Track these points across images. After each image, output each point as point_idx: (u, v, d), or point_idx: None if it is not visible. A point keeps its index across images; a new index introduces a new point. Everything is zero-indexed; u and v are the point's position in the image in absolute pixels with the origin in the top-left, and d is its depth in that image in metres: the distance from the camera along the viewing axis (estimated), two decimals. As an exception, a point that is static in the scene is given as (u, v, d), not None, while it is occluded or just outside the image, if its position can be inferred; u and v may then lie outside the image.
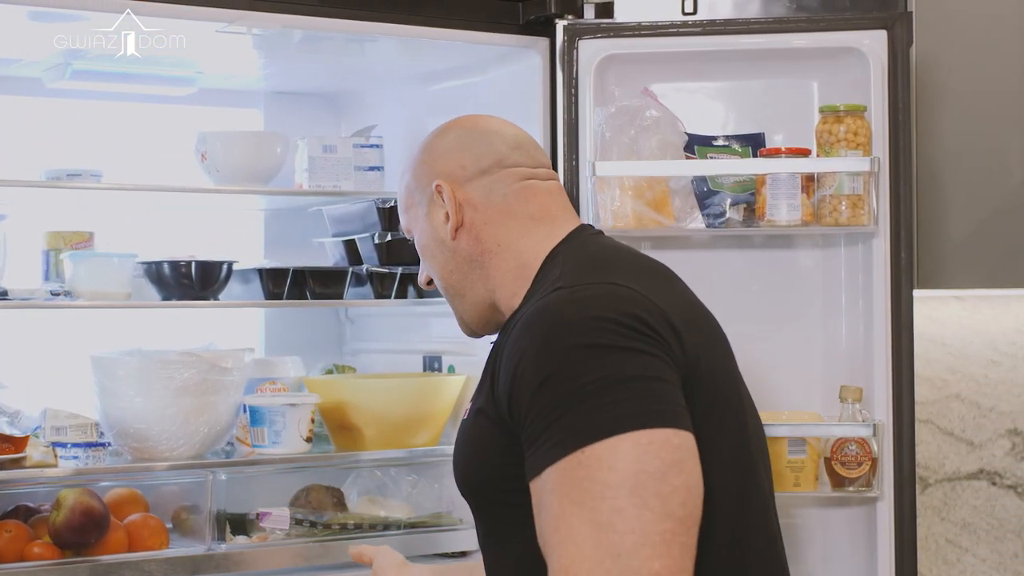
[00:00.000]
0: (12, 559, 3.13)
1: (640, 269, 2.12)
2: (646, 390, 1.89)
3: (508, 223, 2.19)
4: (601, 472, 1.84)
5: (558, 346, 1.92)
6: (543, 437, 1.90)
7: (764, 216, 3.38)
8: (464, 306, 2.25)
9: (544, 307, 1.98)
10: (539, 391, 1.91)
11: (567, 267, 2.08)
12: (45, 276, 3.49)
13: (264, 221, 4.09)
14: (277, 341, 4.03)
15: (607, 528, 1.83)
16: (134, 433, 3.33)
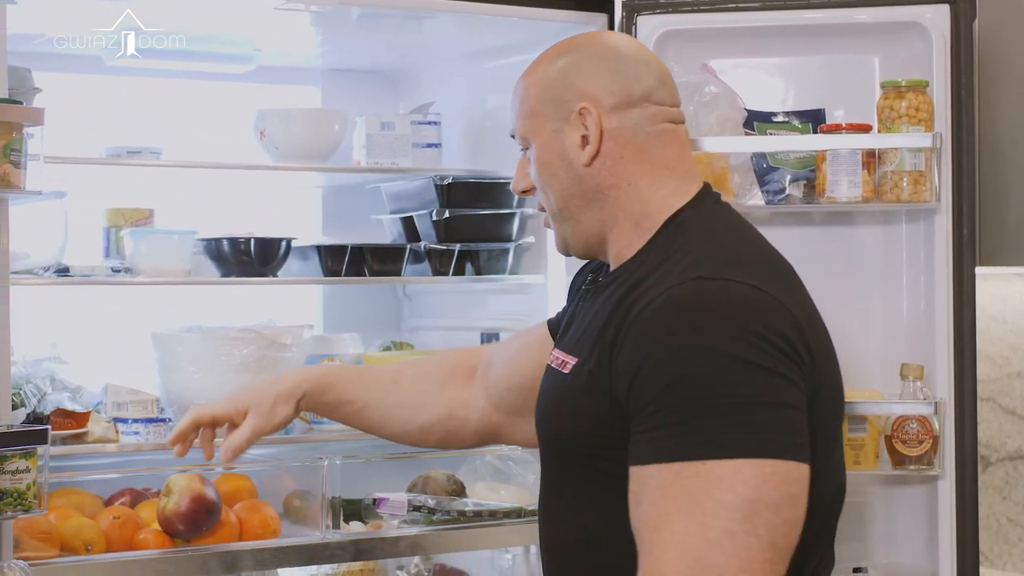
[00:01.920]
0: (120, 547, 3.11)
1: (771, 264, 2.06)
2: (779, 418, 1.88)
3: (643, 165, 2.10)
4: (719, 491, 1.83)
5: (701, 349, 1.88)
6: (662, 431, 1.88)
7: (824, 193, 3.35)
8: (572, 232, 2.16)
9: (685, 299, 1.92)
10: (671, 388, 1.88)
11: (703, 250, 2.01)
12: (106, 253, 3.51)
13: (322, 198, 4.10)
14: (335, 318, 4.04)
15: (714, 547, 1.83)
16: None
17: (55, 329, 3.48)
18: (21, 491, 2.72)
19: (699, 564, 1.82)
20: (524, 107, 2.16)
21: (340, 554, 3.28)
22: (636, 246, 2.10)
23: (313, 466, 3.33)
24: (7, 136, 2.75)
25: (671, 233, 2.07)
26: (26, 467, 2.73)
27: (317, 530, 3.30)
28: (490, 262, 3.75)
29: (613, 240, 2.13)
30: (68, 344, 3.42)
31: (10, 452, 2.71)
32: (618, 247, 2.12)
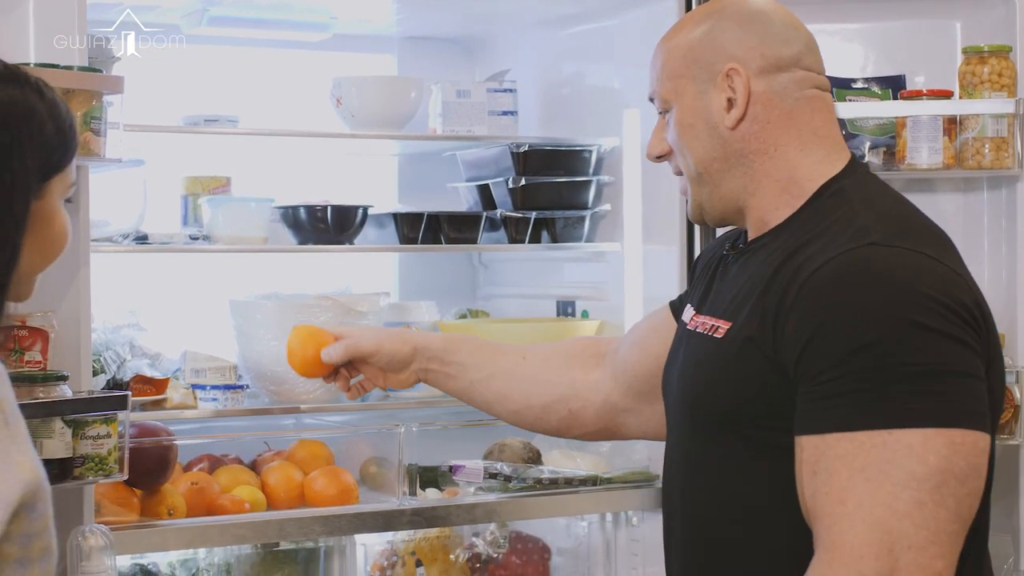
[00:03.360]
0: (198, 512, 3.13)
1: (941, 238, 2.02)
2: (964, 387, 1.85)
3: (791, 131, 2.06)
4: (909, 461, 1.81)
5: (889, 315, 1.85)
6: (842, 399, 1.85)
7: (904, 160, 3.32)
8: (711, 197, 2.12)
9: (862, 264, 1.89)
10: (855, 354, 1.84)
11: (869, 217, 1.96)
12: (183, 221, 3.53)
13: (398, 166, 4.10)
14: (411, 286, 4.04)
15: (904, 518, 1.81)
16: (271, 376, 3.37)
17: (134, 296, 3.50)
18: (102, 456, 2.75)
19: (888, 536, 1.80)
20: (666, 69, 2.12)
21: (416, 520, 3.29)
22: (785, 212, 2.06)
23: (389, 433, 3.34)
24: (87, 104, 2.77)
25: (829, 200, 2.03)
26: (107, 432, 2.75)
27: (393, 497, 3.31)
28: (566, 230, 3.74)
29: (755, 206, 2.09)
30: (147, 311, 3.44)
31: (91, 418, 2.74)
32: (761, 212, 2.08)
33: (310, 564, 3.35)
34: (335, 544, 3.33)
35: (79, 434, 2.73)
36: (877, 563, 1.80)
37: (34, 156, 1.68)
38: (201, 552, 3.25)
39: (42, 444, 2.67)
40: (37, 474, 1.56)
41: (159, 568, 3.22)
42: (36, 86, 1.72)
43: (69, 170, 1.75)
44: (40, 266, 1.75)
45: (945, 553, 1.82)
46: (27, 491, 1.54)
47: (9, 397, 1.57)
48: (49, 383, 2.70)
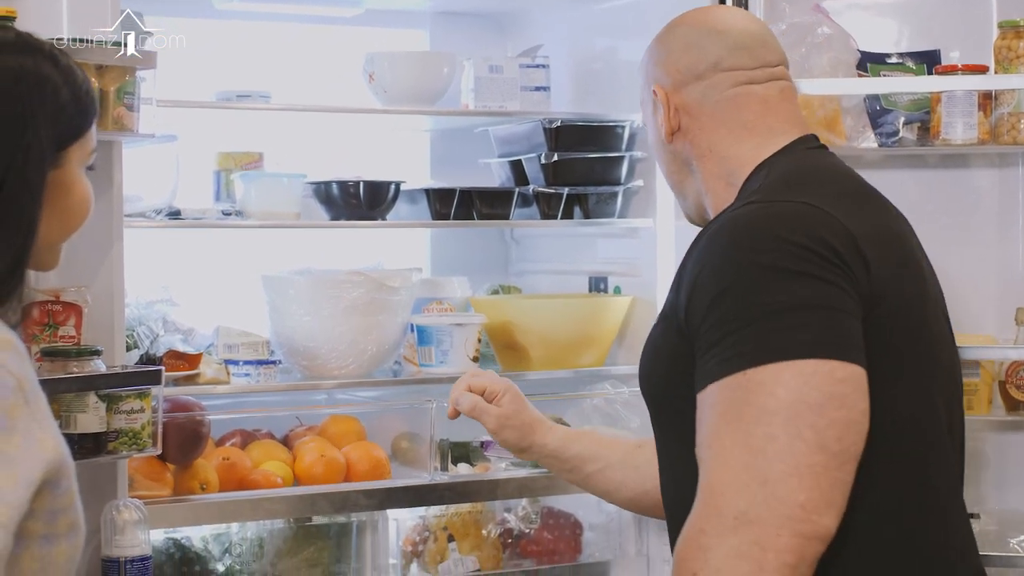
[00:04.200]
0: (230, 487, 3.15)
1: (842, 191, 2.05)
2: (818, 319, 1.86)
3: (720, 130, 2.15)
4: (760, 397, 1.82)
5: (739, 262, 1.90)
6: (712, 352, 1.88)
7: (939, 135, 3.31)
8: (685, 203, 2.25)
9: (733, 219, 1.96)
10: (713, 304, 1.89)
11: (767, 181, 2.06)
12: (216, 196, 3.54)
13: (431, 142, 4.10)
14: (443, 261, 4.04)
15: (758, 453, 1.81)
16: (304, 351, 3.38)
17: (167, 271, 3.51)
18: (136, 431, 2.76)
19: (745, 473, 1.81)
20: (639, 93, 2.27)
21: (448, 496, 3.31)
22: (730, 202, 2.11)
23: (421, 408, 3.34)
24: (120, 80, 2.78)
25: (749, 181, 2.11)
26: (140, 407, 2.77)
27: (425, 472, 3.31)
28: (598, 206, 3.73)
29: (711, 205, 2.18)
30: (180, 286, 3.46)
31: (125, 392, 2.75)
32: (716, 208, 2.15)
33: (342, 539, 3.37)
34: (367, 519, 3.34)
35: (113, 408, 2.74)
36: (736, 499, 1.80)
37: (48, 125, 1.67)
38: (234, 527, 3.27)
39: (76, 418, 2.68)
40: (60, 451, 1.56)
41: (192, 543, 3.24)
42: (50, 54, 1.71)
43: (88, 137, 1.75)
44: (62, 235, 1.75)
45: (808, 486, 1.80)
46: (49, 469, 1.55)
47: (29, 375, 1.57)
48: (83, 357, 2.71)
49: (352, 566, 3.35)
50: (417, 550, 3.45)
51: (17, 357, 1.56)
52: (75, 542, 1.61)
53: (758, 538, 1.79)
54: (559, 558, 3.57)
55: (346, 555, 3.36)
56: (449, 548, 3.44)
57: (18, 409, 1.53)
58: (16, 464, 1.51)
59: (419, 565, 3.44)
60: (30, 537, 1.55)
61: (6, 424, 1.51)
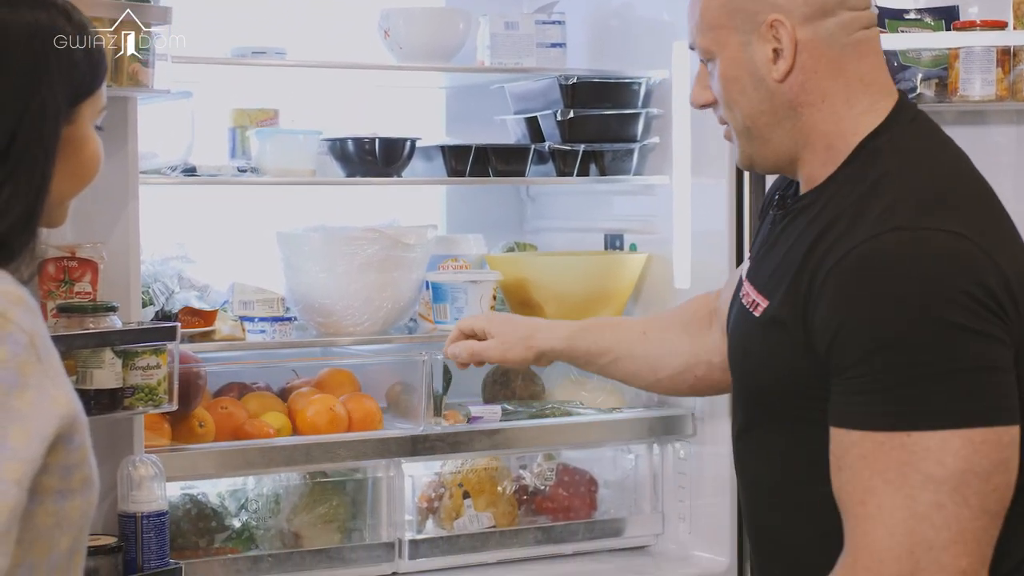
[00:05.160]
0: (227, 436, 3.18)
1: (977, 198, 1.95)
2: (988, 383, 1.81)
3: (838, 80, 1.98)
4: (927, 464, 1.79)
5: (907, 311, 1.80)
6: (864, 397, 1.83)
7: (957, 91, 3.29)
8: (762, 150, 2.06)
9: (885, 255, 1.83)
10: (877, 352, 1.81)
11: (899, 188, 1.90)
12: (231, 153, 3.53)
13: (446, 99, 4.09)
14: (459, 218, 4.04)
15: (923, 520, 1.79)
16: (319, 308, 3.38)
17: (182, 228, 3.51)
18: (152, 387, 2.77)
19: (909, 539, 1.79)
20: (705, 18, 2.04)
21: (439, 446, 3.35)
22: (828, 170, 2.00)
23: (413, 362, 3.38)
24: (136, 35, 2.77)
25: (865, 161, 1.96)
26: (156, 363, 2.77)
27: (417, 423, 3.36)
28: (615, 163, 3.72)
29: (806, 160, 2.02)
30: (195, 243, 3.46)
31: (141, 348, 2.76)
32: (810, 168, 2.02)
33: (358, 495, 3.38)
34: (383, 475, 3.35)
35: (129, 364, 2.75)
36: (898, 566, 1.79)
37: (62, 81, 1.67)
38: (250, 482, 3.28)
39: (92, 374, 2.69)
40: (72, 407, 1.56)
41: (208, 498, 3.25)
42: (63, 8, 1.70)
43: (99, 94, 1.74)
44: (71, 192, 1.74)
45: (971, 551, 1.80)
46: (63, 424, 1.55)
47: (41, 332, 1.56)
48: (99, 313, 2.72)
49: (368, 522, 3.37)
50: (432, 506, 3.46)
51: (29, 313, 1.55)
52: (89, 497, 1.61)
53: None
54: (574, 515, 3.57)
55: (361, 511, 3.37)
56: (464, 505, 3.45)
57: (30, 366, 1.53)
58: (29, 420, 1.51)
59: (434, 521, 3.46)
60: (44, 493, 1.56)
61: (18, 380, 1.52)
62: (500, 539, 3.47)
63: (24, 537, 1.53)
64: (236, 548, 3.23)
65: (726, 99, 2.04)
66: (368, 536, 3.36)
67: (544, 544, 3.51)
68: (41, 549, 1.56)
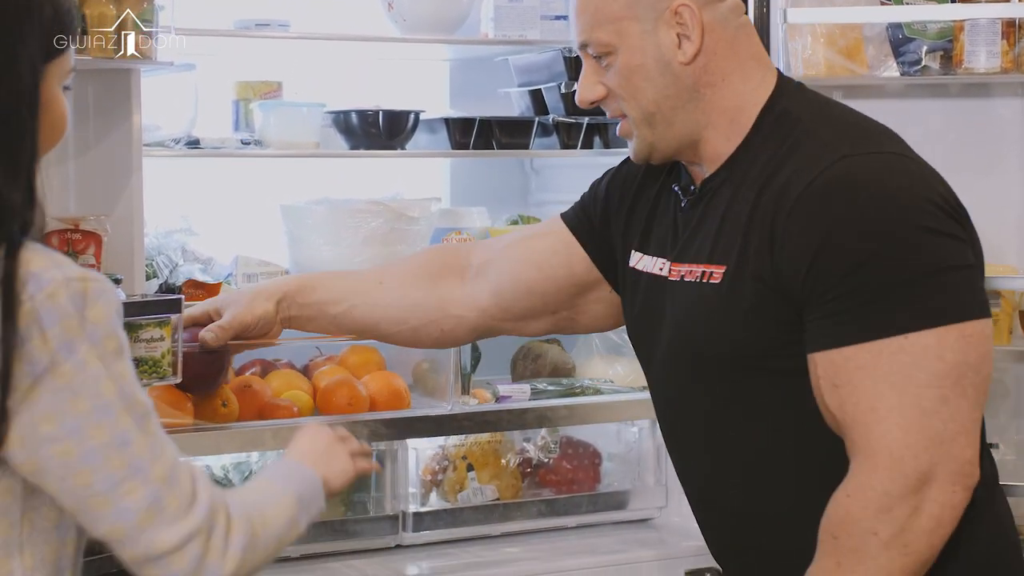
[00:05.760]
0: (249, 416, 3.15)
1: (892, 134, 2.07)
2: (967, 280, 1.93)
3: (733, 59, 2.09)
4: (928, 361, 1.88)
5: (881, 223, 1.91)
6: (853, 312, 1.91)
7: (961, 64, 3.29)
8: (664, 136, 2.12)
9: (847, 177, 1.94)
10: (861, 266, 1.90)
11: (825, 131, 2.02)
12: (235, 126, 3.53)
13: (450, 71, 4.08)
14: (462, 191, 4.04)
15: (932, 415, 1.88)
16: (323, 281, 3.37)
17: (186, 201, 3.51)
18: (156, 359, 2.76)
19: (923, 435, 1.88)
20: (602, 13, 2.11)
21: (467, 426, 3.31)
22: (735, 142, 2.08)
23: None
24: (139, 7, 2.77)
25: (775, 125, 2.06)
26: (160, 336, 2.77)
27: (445, 402, 3.32)
28: (618, 135, 3.71)
29: (709, 139, 2.11)
30: (198, 216, 3.46)
31: (145, 321, 2.75)
32: (714, 145, 2.10)
33: (362, 468, 3.37)
34: (387, 449, 3.35)
35: (133, 337, 2.74)
36: (916, 461, 1.88)
37: (33, 40, 1.67)
38: (254, 456, 3.28)
39: (96, 347, 2.69)
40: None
41: (213, 471, 3.25)
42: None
43: (68, 55, 1.75)
44: (41, 153, 1.74)
45: (972, 441, 1.92)
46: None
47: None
48: (103, 286, 2.71)
49: (372, 495, 3.37)
50: (436, 479, 3.46)
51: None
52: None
53: (937, 496, 1.89)
54: (578, 487, 3.58)
55: (366, 484, 3.37)
56: (468, 477, 3.45)
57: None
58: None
59: (438, 494, 3.46)
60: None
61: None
62: (504, 512, 3.47)
63: None
64: (240, 520, 3.23)
65: (628, 89, 2.11)
66: (372, 508, 3.36)
67: (547, 517, 3.52)
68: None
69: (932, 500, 1.89)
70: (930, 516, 1.89)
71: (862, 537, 1.90)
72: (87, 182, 2.93)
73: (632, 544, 3.50)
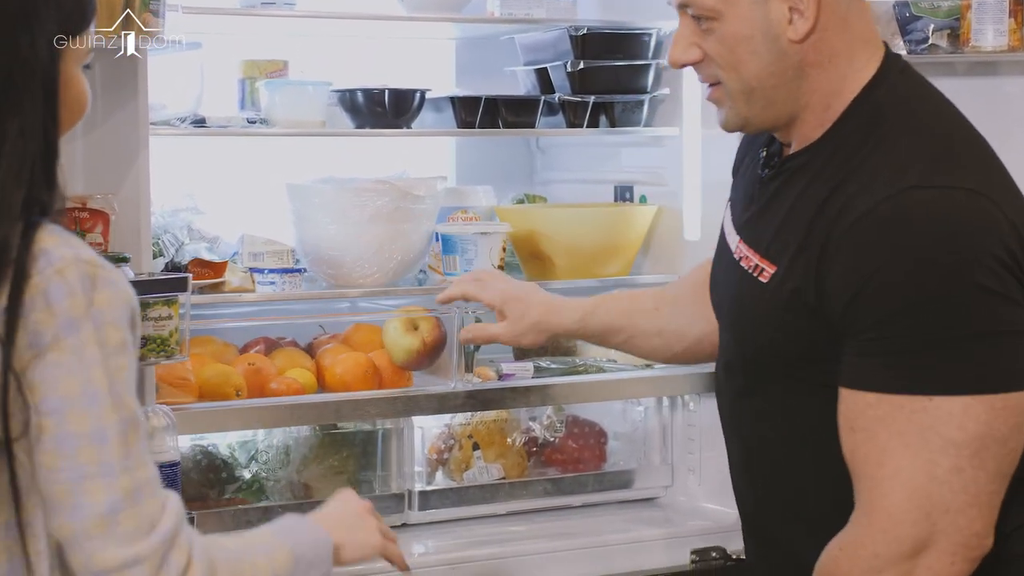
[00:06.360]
0: (254, 394, 3.16)
1: (977, 148, 1.96)
2: (1010, 348, 1.82)
3: (844, 37, 1.97)
4: (948, 428, 1.79)
5: (932, 273, 1.80)
6: (884, 359, 1.83)
7: (969, 42, 3.27)
8: (762, 112, 2.02)
9: (906, 215, 1.83)
10: (900, 313, 1.81)
11: (907, 146, 1.89)
12: (241, 104, 3.53)
13: (456, 50, 4.08)
14: (468, 170, 4.04)
15: (942, 484, 1.80)
16: (329, 260, 3.38)
17: (192, 180, 3.51)
18: (164, 338, 2.77)
19: (927, 502, 1.80)
20: None
21: (471, 403, 3.31)
22: (823, 128, 1.99)
23: (445, 316, 3.35)
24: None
25: (865, 120, 1.96)
26: (168, 314, 2.77)
27: (448, 380, 3.33)
28: (625, 114, 3.71)
29: (803, 120, 2.01)
30: (205, 195, 3.46)
31: (152, 299, 2.76)
32: (806, 128, 2.01)
33: (368, 447, 3.38)
34: (393, 427, 3.35)
35: (141, 315, 2.75)
36: (915, 529, 1.81)
37: (51, 18, 1.67)
38: (260, 434, 3.29)
39: (104, 325, 2.69)
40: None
41: (219, 450, 3.26)
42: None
43: (87, 35, 1.74)
44: (60, 133, 1.74)
45: (984, 514, 1.83)
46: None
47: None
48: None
49: (378, 474, 3.37)
50: (442, 458, 3.46)
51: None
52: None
53: (933, 564, 1.82)
54: (584, 466, 3.58)
55: (372, 463, 3.38)
56: (474, 456, 3.46)
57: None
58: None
59: (444, 473, 3.46)
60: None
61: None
62: (510, 490, 3.47)
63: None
64: (246, 499, 3.23)
65: (730, 60, 2.00)
66: (378, 487, 3.36)
67: (553, 496, 3.52)
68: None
69: (927, 568, 1.82)
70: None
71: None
72: (94, 161, 2.93)
73: (638, 523, 3.50)
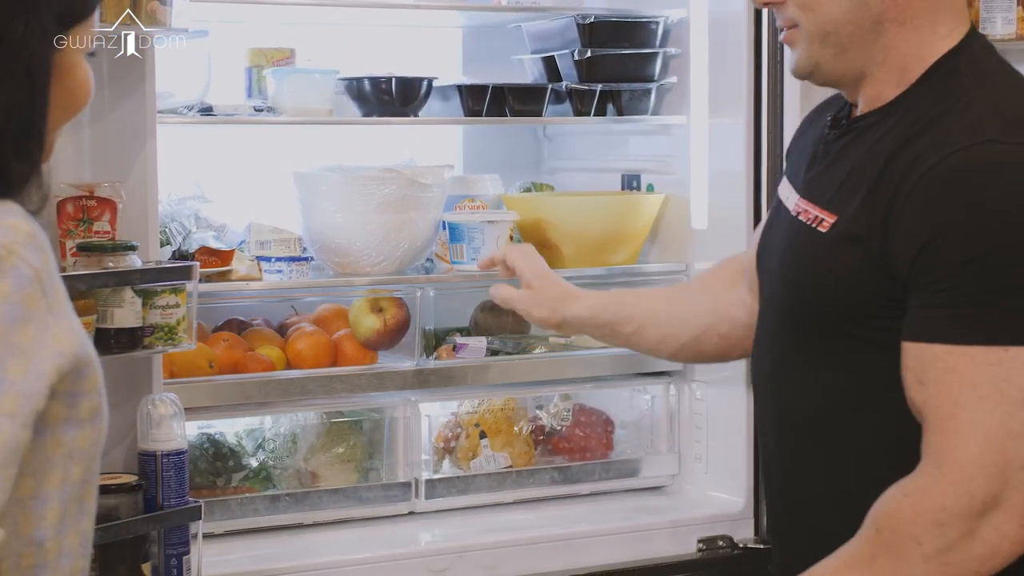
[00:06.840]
0: (227, 370, 3.21)
1: None
2: None
3: (927, 2, 1.93)
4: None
5: (1005, 223, 1.77)
6: (957, 310, 1.79)
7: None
8: (833, 60, 1.98)
9: (981, 165, 1.80)
10: (972, 263, 1.78)
11: (984, 105, 1.86)
12: (248, 93, 3.52)
13: (463, 38, 4.07)
14: (475, 158, 4.03)
15: (1018, 438, 1.76)
16: (335, 248, 3.38)
17: (199, 168, 3.51)
18: (171, 326, 2.77)
19: (1002, 456, 1.76)
20: None
21: (432, 381, 3.38)
22: (896, 91, 1.96)
23: (408, 298, 3.39)
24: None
25: (941, 82, 1.92)
26: (175, 302, 2.78)
27: (411, 359, 3.38)
28: (632, 103, 3.71)
29: (875, 78, 1.98)
30: (212, 183, 3.46)
31: (160, 287, 2.76)
32: (877, 88, 1.98)
33: (375, 434, 3.39)
34: (400, 415, 3.36)
35: (149, 304, 2.75)
36: (987, 484, 1.77)
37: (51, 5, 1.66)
38: (267, 422, 3.30)
39: (113, 313, 2.70)
40: (75, 343, 1.53)
41: (226, 438, 3.26)
42: None
43: (91, 21, 1.73)
44: (61, 120, 1.72)
45: None
46: (63, 362, 1.52)
47: (49, 267, 1.52)
48: (118, 253, 2.72)
49: (384, 462, 3.38)
50: (449, 446, 3.47)
51: (37, 249, 1.52)
52: (99, 427, 1.60)
53: (1000, 524, 1.77)
54: (591, 455, 3.59)
55: (378, 451, 3.39)
56: (481, 444, 3.46)
57: (35, 301, 1.51)
58: (29, 355, 1.49)
59: (451, 461, 3.47)
60: (52, 422, 1.55)
61: (22, 315, 1.49)
62: (516, 479, 3.48)
63: (36, 468, 1.53)
64: (253, 487, 3.25)
65: (812, 6, 1.97)
66: (385, 475, 3.37)
67: (560, 484, 3.53)
68: (53, 479, 1.55)
69: (994, 527, 1.77)
70: (985, 542, 1.77)
71: (905, 541, 1.80)
72: (102, 149, 2.93)
73: (644, 512, 3.51)
